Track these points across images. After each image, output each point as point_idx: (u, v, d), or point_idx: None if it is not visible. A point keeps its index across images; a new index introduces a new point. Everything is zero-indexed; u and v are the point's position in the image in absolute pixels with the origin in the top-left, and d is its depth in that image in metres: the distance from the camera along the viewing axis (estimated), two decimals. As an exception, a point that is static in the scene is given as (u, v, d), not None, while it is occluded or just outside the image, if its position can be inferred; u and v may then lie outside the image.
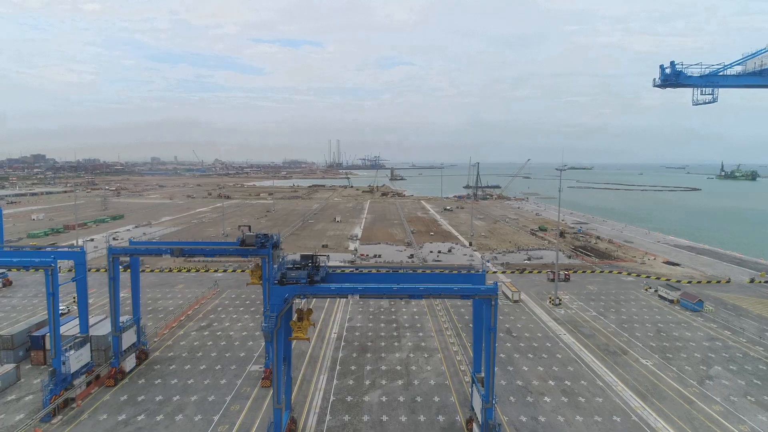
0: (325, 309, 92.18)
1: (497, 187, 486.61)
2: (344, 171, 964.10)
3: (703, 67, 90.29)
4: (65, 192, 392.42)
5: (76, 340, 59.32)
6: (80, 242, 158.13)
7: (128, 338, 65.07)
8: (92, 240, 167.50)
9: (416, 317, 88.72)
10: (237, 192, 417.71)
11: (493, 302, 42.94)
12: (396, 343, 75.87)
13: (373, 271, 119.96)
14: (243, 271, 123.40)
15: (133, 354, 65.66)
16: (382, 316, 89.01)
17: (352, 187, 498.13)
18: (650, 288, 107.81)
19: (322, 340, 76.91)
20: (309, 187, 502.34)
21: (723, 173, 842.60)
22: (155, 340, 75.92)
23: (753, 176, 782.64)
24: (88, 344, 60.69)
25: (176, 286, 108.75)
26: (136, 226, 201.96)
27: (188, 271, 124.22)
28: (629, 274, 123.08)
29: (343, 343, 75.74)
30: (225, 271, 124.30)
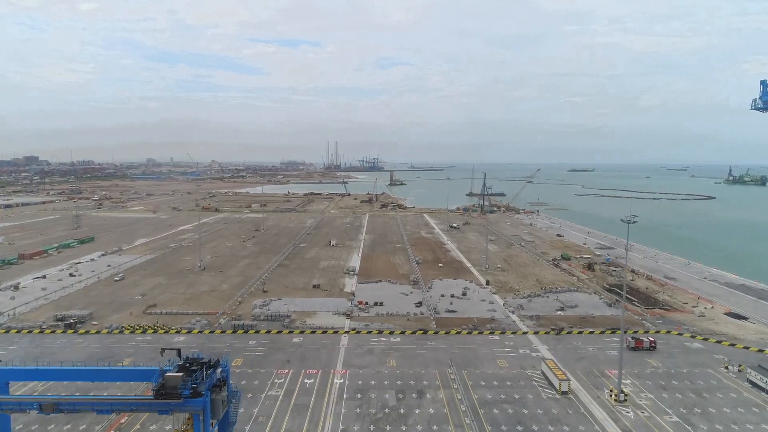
0: (310, 408, 68.12)
1: (502, 194, 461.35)
2: (342, 174, 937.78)
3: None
4: (44, 203, 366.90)
5: None
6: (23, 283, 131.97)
7: None
8: (44, 277, 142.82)
9: (434, 429, 64.55)
10: (227, 203, 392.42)
11: None
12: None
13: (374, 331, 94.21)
14: (223, 332, 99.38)
15: None
16: (388, 427, 64.88)
17: (349, 195, 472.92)
18: (731, 365, 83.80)
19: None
20: (305, 195, 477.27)
21: (731, 177, 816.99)
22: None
23: (763, 181, 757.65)
24: None
25: (122, 362, 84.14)
26: (103, 254, 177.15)
27: (144, 332, 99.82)
28: (693, 336, 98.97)
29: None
30: (189, 332, 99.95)
